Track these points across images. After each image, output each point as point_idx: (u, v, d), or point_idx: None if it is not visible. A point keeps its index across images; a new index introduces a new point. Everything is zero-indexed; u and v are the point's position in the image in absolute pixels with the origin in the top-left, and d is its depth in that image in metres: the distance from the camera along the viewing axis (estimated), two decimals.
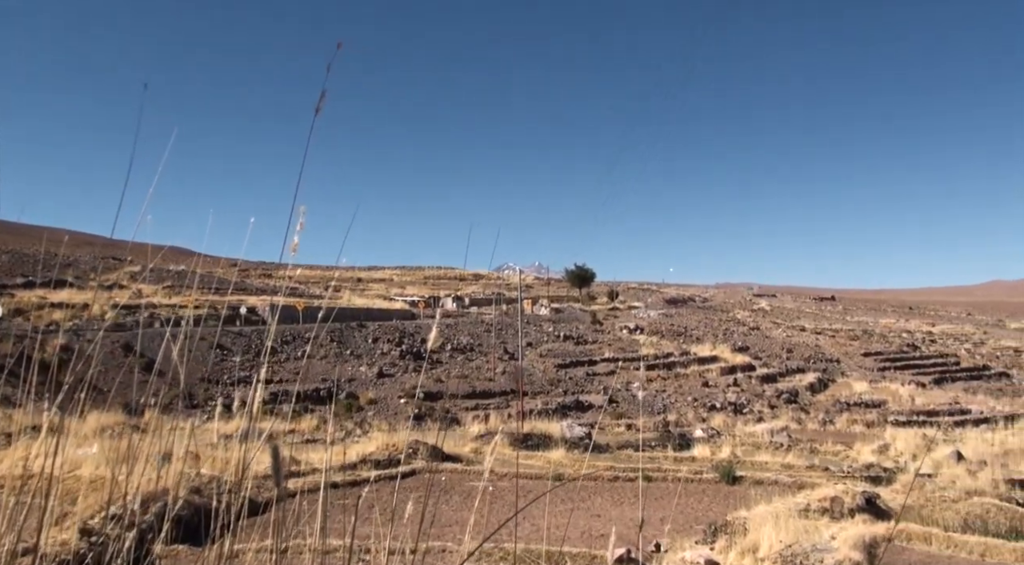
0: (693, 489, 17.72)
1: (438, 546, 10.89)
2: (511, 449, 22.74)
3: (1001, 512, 15.62)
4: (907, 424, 36.44)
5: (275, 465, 2.01)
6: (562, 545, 11.94)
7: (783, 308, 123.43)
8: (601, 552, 11.21)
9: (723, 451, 24.22)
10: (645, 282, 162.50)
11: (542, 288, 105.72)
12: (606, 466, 19.40)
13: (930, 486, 18.36)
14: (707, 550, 11.81)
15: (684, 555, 11.22)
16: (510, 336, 55.18)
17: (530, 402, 38.77)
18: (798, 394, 48.52)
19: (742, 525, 13.10)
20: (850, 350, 72.94)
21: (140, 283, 50.24)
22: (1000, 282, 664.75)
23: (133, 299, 45.59)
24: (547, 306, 78.90)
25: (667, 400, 43.83)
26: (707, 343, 63.02)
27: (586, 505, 15.81)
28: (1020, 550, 12.38)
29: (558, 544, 12.46)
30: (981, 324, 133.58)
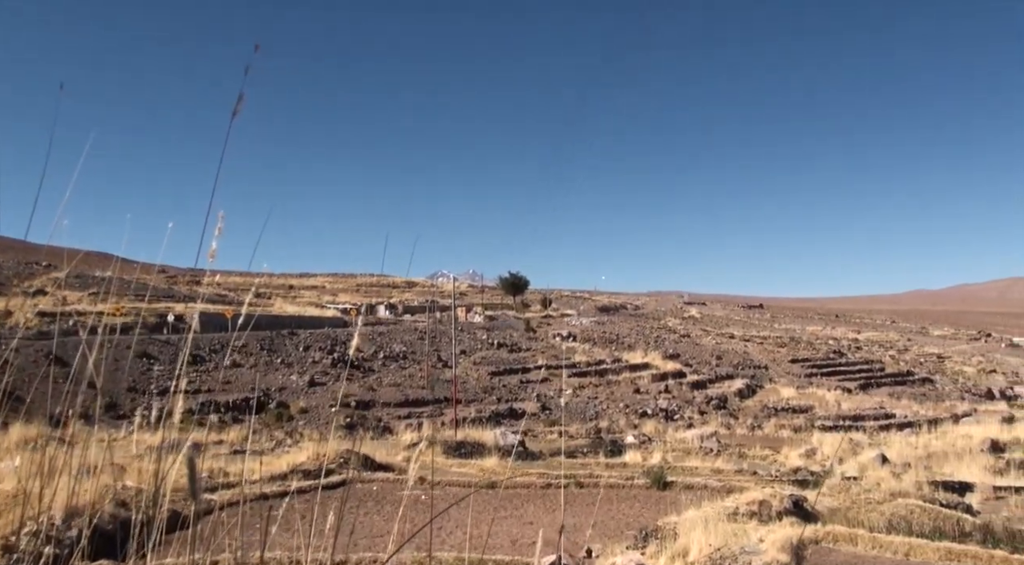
0: (624, 495, 17.84)
1: (369, 557, 10.81)
2: (444, 457, 22.68)
3: (924, 513, 15.99)
4: (833, 429, 37.16)
5: (191, 476, 1.96)
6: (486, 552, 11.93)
7: (713, 316, 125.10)
8: (532, 559, 11.23)
9: (654, 457, 24.45)
10: (578, 290, 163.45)
11: (476, 296, 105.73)
12: (538, 473, 19.45)
13: (856, 489, 18.74)
14: (638, 555, 11.90)
15: (615, 560, 11.29)
16: (444, 344, 55.01)
17: (464, 410, 38.69)
18: (727, 400, 49.17)
19: (672, 530, 13.22)
20: (778, 357, 74.19)
21: (65, 290, 49.02)
22: (923, 291, 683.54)
23: (57, 306, 44.45)
24: (481, 314, 78.89)
25: (599, 407, 44.08)
26: (639, 350, 63.54)
27: (519, 512, 15.82)
28: (943, 549, 12.68)
29: (490, 552, 12.45)
30: (905, 331, 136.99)
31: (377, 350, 52.15)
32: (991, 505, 18.55)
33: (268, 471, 18.14)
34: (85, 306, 44.75)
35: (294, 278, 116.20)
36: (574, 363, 55.10)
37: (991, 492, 19.78)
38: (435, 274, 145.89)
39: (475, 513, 15.83)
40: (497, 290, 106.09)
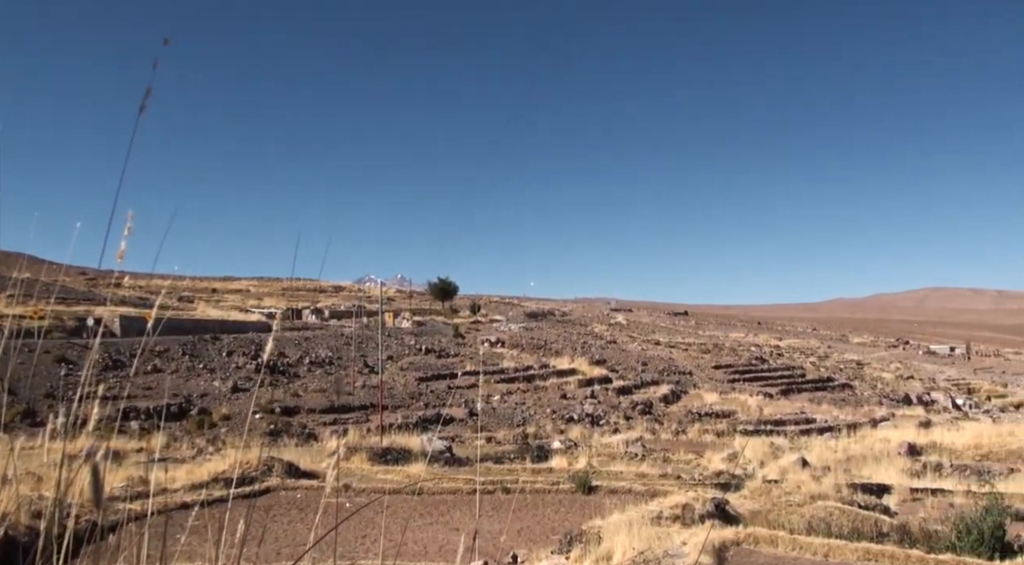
0: (550, 500, 17.89)
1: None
2: (370, 464, 22.49)
3: (844, 514, 16.33)
4: (755, 433, 37.75)
5: (95, 486, 1.88)
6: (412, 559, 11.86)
7: (639, 322, 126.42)
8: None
9: (580, 462, 24.57)
10: (507, 296, 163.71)
11: (404, 301, 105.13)
12: (465, 479, 19.39)
13: (777, 491, 19.06)
14: (562, 559, 11.95)
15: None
16: (371, 349, 54.60)
17: (390, 416, 38.41)
18: (652, 405, 49.64)
19: (597, 534, 13.29)
20: (702, 363, 75.22)
21: None
22: (843, 299, 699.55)
23: None
24: (409, 319, 78.54)
25: (527, 412, 44.15)
26: (566, 356, 63.85)
27: (444, 519, 15.75)
28: (861, 550, 12.96)
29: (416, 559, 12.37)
30: (825, 338, 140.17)
31: (303, 355, 51.55)
32: (908, 506, 18.99)
33: (189, 479, 17.79)
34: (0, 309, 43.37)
35: (217, 281, 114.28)
36: (502, 369, 55.15)
37: (908, 494, 20.26)
38: (363, 279, 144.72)
39: (401, 520, 15.72)
40: (426, 296, 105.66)
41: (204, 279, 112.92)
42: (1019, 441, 31.60)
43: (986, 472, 25.43)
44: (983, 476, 24.05)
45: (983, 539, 13.78)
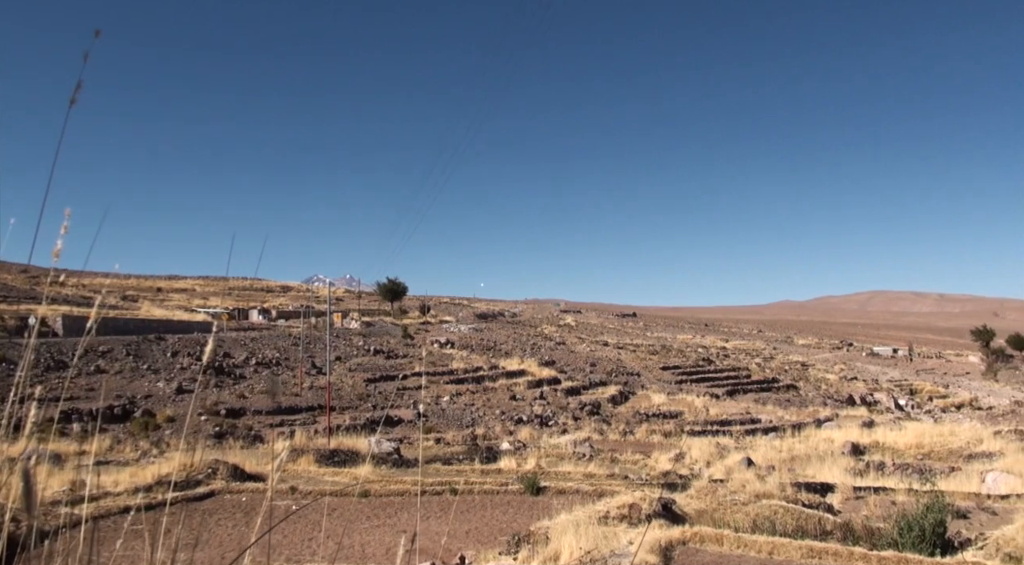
0: (499, 501, 17.87)
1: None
2: (317, 466, 22.30)
3: (788, 513, 16.52)
4: (702, 433, 38.10)
5: (27, 491, 1.83)
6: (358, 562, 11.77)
7: (588, 324, 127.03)
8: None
9: (528, 463, 24.60)
10: (457, 297, 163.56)
11: (353, 301, 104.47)
12: (413, 481, 19.30)
13: (722, 491, 19.23)
14: (510, 560, 11.94)
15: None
16: (318, 350, 54.18)
17: (338, 417, 38.14)
18: (600, 406, 49.89)
19: (544, 534, 13.30)
20: (650, 364, 75.77)
21: None
22: (788, 302, 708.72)
23: None
24: (358, 320, 78.05)
25: (476, 414, 44.13)
26: (515, 357, 63.98)
27: (392, 521, 15.66)
28: (805, 548, 13.13)
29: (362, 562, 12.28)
30: (771, 340, 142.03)
31: (249, 356, 50.98)
32: (851, 505, 19.28)
33: (133, 483, 17.49)
34: None
35: (162, 280, 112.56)
36: (451, 370, 55.05)
37: (851, 492, 20.56)
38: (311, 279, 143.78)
39: (348, 522, 15.59)
40: (375, 296, 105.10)
41: (149, 278, 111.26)
42: (960, 441, 32.29)
43: (927, 471, 25.93)
44: (924, 475, 24.51)
45: (924, 536, 14.03)
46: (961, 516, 17.71)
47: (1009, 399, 79.34)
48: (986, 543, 14.67)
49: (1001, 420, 49.71)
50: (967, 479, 24.14)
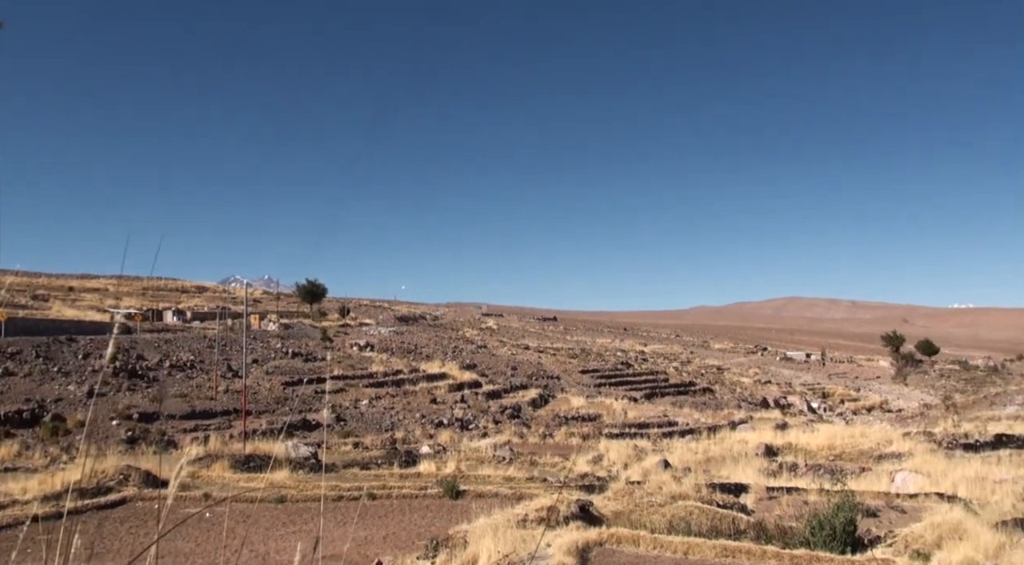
0: (418, 505, 17.78)
1: None
2: (232, 471, 21.90)
3: (703, 513, 16.77)
4: (620, 436, 38.39)
5: None
6: None
7: (509, 327, 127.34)
8: None
9: (448, 466, 24.52)
10: (378, 299, 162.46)
11: (271, 303, 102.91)
12: (331, 486, 19.09)
13: (639, 492, 19.44)
14: None
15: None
16: (235, 352, 53.27)
17: (255, 422, 37.55)
18: (521, 409, 50.03)
19: (463, 538, 13.27)
20: (569, 367, 76.28)
21: None
22: (705, 307, 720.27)
23: None
24: (276, 322, 76.90)
25: (396, 417, 43.86)
26: (436, 360, 63.78)
27: (309, 527, 15.45)
28: (719, 547, 13.34)
29: None
30: (688, 344, 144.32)
31: (163, 358, 49.84)
32: (764, 504, 19.64)
33: (42, 490, 16.97)
34: None
35: (74, 279, 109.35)
36: (371, 373, 54.63)
37: (764, 493, 20.94)
38: (228, 279, 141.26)
39: (264, 529, 15.33)
40: (293, 298, 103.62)
41: (60, 277, 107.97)
42: (870, 442, 33.16)
43: (838, 471, 26.56)
44: (836, 475, 25.08)
45: (835, 534, 14.36)
46: (871, 515, 18.19)
47: (918, 402, 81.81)
48: (895, 540, 15.09)
49: (910, 422, 51.21)
50: (877, 479, 24.80)
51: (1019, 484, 21.42)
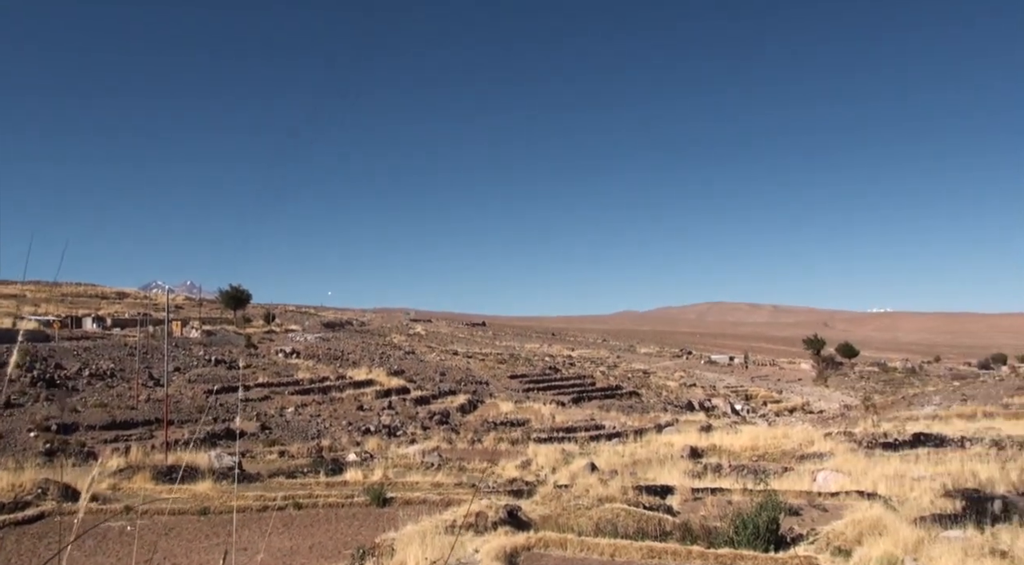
0: (344, 514, 17.63)
1: None
2: (154, 483, 21.47)
3: (629, 515, 16.92)
4: (548, 440, 38.54)
5: None
6: None
7: (438, 333, 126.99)
8: None
9: (375, 474, 24.36)
10: (303, 305, 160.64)
11: (194, 309, 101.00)
12: (255, 496, 18.82)
13: (567, 496, 19.55)
14: None
15: None
16: (156, 360, 52.17)
17: (177, 431, 36.81)
18: (449, 415, 49.94)
19: (390, 546, 13.20)
20: (498, 373, 76.36)
21: None
22: (631, 312, 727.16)
23: None
24: (198, 328, 75.52)
25: (322, 425, 43.40)
26: (363, 367, 63.26)
27: (232, 539, 15.20)
28: (646, 548, 13.49)
29: None
30: (615, 349, 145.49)
31: (82, 367, 48.58)
32: (690, 505, 19.88)
33: None
34: None
35: None
36: (297, 380, 53.98)
37: (690, 494, 21.21)
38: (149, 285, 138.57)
39: (186, 542, 15.05)
40: (217, 304, 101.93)
41: None
42: (792, 443, 33.81)
43: (761, 471, 27.02)
44: (759, 475, 25.50)
45: (759, 533, 14.62)
46: (794, 513, 18.56)
47: (838, 403, 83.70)
48: (817, 538, 15.42)
49: (831, 423, 52.26)
50: (799, 478, 25.28)
51: (936, 481, 22.03)
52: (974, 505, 18.86)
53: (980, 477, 22.61)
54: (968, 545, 13.96)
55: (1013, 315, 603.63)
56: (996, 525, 16.40)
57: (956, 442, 34.17)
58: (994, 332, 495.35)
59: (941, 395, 73.82)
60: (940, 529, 15.56)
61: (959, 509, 18.46)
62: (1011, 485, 21.36)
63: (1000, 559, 13.01)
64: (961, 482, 21.92)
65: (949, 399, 67.64)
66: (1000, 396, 61.12)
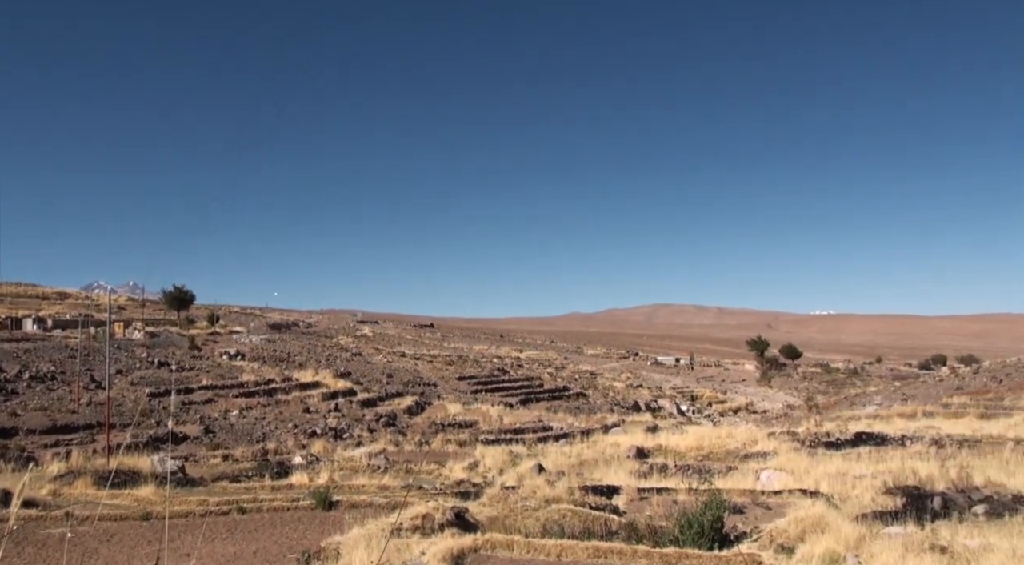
0: (289, 518, 17.52)
1: None
2: (95, 488, 21.13)
3: (576, 516, 17.04)
4: (496, 442, 38.58)
5: None
6: None
7: (385, 334, 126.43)
8: None
9: (321, 477, 24.21)
10: (249, 306, 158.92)
11: (136, 310, 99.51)
12: (199, 500, 18.62)
13: (514, 497, 19.64)
14: None
15: None
16: (98, 362, 51.32)
17: (119, 435, 36.24)
18: (397, 417, 49.78)
19: (335, 550, 13.17)
20: (446, 374, 76.30)
21: None
22: (579, 314, 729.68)
23: None
24: (141, 330, 74.38)
25: (267, 428, 43.01)
26: (310, 369, 62.79)
27: (175, 544, 15.03)
28: (592, 548, 13.61)
29: None
30: (562, 350, 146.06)
31: (22, 370, 47.64)
32: (636, 505, 20.06)
33: None
34: None
35: None
36: (242, 382, 53.46)
37: (636, 494, 21.39)
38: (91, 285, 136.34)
39: (128, 548, 14.84)
40: (160, 305, 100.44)
41: None
42: (736, 442, 34.25)
43: (706, 471, 27.32)
44: (704, 474, 25.77)
45: (703, 532, 14.81)
46: (738, 511, 18.84)
47: (782, 403, 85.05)
48: (760, 535, 15.66)
49: (774, 422, 53.03)
50: (743, 477, 25.62)
51: (877, 479, 22.47)
52: (914, 502, 19.28)
53: (920, 475, 23.08)
54: (908, 541, 14.27)
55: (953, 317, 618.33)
56: (936, 521, 16.78)
57: (897, 441, 34.87)
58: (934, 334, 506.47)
59: (882, 395, 75.33)
60: (881, 526, 15.88)
61: (900, 506, 18.87)
62: (950, 482, 21.84)
63: (940, 554, 13.33)
64: (902, 480, 22.37)
65: (890, 399, 69.05)
66: (940, 396, 62.51)
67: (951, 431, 37.18)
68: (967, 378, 74.98)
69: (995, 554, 13.05)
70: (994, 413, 49.80)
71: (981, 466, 24.39)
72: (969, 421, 44.47)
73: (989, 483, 21.64)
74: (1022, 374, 67.24)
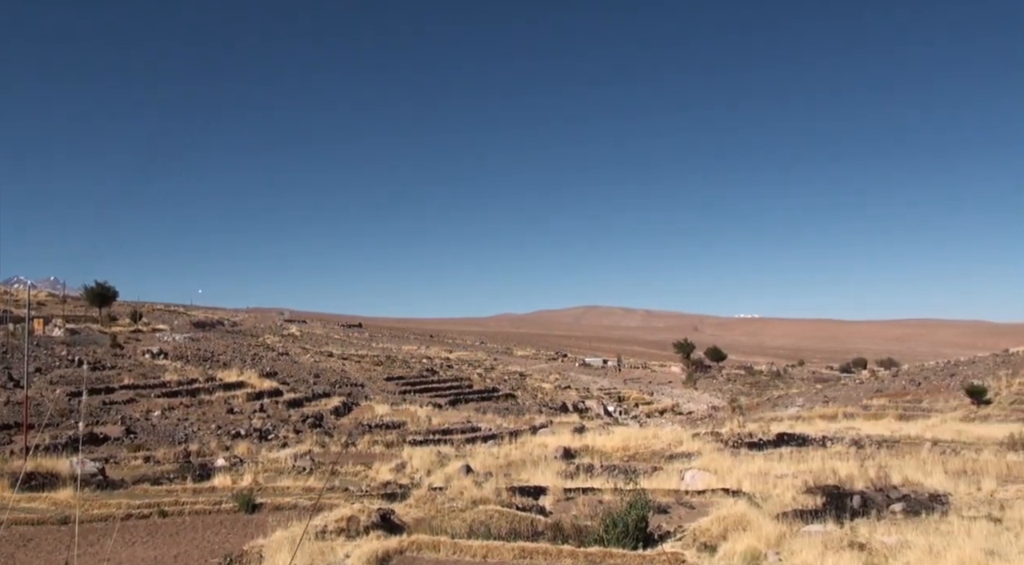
0: (212, 521, 17.29)
1: None
2: (11, 491, 20.59)
3: (503, 517, 17.15)
4: (424, 443, 38.54)
5: None
6: None
7: (313, 334, 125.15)
8: None
9: (245, 479, 23.96)
10: (172, 304, 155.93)
11: (57, 306, 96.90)
12: (119, 503, 18.26)
13: (441, 498, 19.67)
14: None
15: None
16: (16, 360, 49.91)
17: (37, 436, 35.30)
18: (323, 418, 49.35)
19: (258, 553, 13.05)
20: (374, 375, 75.86)
21: None
22: (509, 315, 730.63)
23: None
24: (61, 327, 72.53)
25: (190, 429, 42.27)
26: (234, 368, 61.85)
27: (95, 549, 14.74)
28: (518, 549, 13.71)
29: None
30: (492, 351, 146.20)
31: None
32: (562, 505, 20.25)
33: None
34: None
35: None
36: (164, 382, 52.46)
37: (562, 494, 21.60)
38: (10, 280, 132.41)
39: (46, 553, 14.50)
40: (81, 301, 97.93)
41: None
42: (662, 443, 34.79)
43: (632, 471, 27.70)
44: (629, 475, 26.13)
45: (628, 531, 15.02)
46: (662, 511, 19.14)
47: (707, 404, 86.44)
48: (684, 534, 15.94)
49: (699, 423, 53.95)
50: (668, 477, 26.04)
51: (799, 479, 23.05)
52: (834, 501, 19.84)
53: (840, 474, 23.73)
54: (828, 538, 14.67)
55: (874, 322, 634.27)
56: (855, 519, 17.29)
57: (818, 441, 35.77)
58: (855, 338, 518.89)
59: (804, 397, 77.13)
60: (802, 524, 16.30)
61: (820, 505, 19.40)
62: (869, 481, 22.49)
63: (858, 551, 13.72)
64: (822, 479, 22.97)
65: (812, 401, 70.73)
66: (860, 398, 64.27)
67: (871, 432, 38.26)
68: (887, 381, 77.19)
69: (912, 551, 13.48)
70: (912, 415, 51.41)
71: (899, 466, 25.17)
72: (888, 422, 45.83)
73: (907, 482, 22.35)
74: (940, 377, 69.38)
